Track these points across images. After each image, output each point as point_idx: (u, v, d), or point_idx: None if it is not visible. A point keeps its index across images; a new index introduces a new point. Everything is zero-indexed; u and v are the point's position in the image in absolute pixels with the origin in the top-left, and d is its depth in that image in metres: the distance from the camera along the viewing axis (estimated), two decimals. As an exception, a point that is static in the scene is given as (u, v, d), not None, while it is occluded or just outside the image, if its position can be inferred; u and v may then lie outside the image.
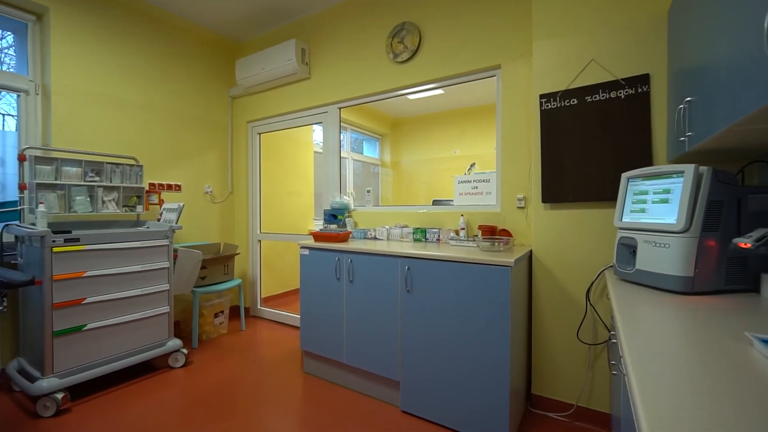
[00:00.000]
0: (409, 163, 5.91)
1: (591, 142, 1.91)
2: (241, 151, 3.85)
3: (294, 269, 4.47)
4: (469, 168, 4.74)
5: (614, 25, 1.85)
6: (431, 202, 5.07)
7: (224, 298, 3.32)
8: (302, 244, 2.51)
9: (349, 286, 2.28)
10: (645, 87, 1.78)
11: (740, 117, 0.90)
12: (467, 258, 1.83)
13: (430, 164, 5.61)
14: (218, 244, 3.41)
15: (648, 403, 0.59)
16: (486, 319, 1.78)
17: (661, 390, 0.63)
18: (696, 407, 0.57)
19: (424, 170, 5.73)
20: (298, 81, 3.37)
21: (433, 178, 5.63)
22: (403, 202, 5.67)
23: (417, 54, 2.68)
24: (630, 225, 1.50)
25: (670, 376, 0.67)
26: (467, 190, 2.56)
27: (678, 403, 0.59)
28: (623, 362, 0.83)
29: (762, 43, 0.74)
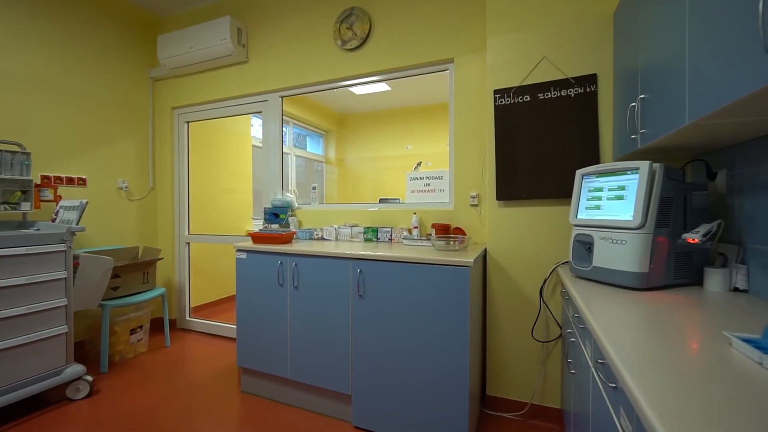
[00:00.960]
0: (354, 161, 5.75)
1: (543, 140, 1.91)
2: (166, 142, 3.36)
3: (229, 274, 4.06)
4: (415, 166, 4.71)
5: (563, 25, 1.86)
6: (378, 201, 4.96)
7: (143, 311, 2.85)
8: (238, 247, 2.22)
9: (293, 293, 2.04)
10: (593, 86, 1.81)
11: (706, 113, 0.88)
12: (424, 258, 1.71)
13: (376, 162, 5.51)
14: (136, 248, 2.93)
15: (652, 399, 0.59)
16: (444, 322, 1.68)
17: (661, 387, 0.61)
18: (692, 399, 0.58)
19: (369, 168, 5.61)
20: (234, 64, 3.02)
21: (379, 176, 5.54)
22: (348, 201, 5.49)
23: (367, 42, 2.51)
24: (586, 222, 1.49)
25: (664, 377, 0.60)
26: (419, 187, 2.46)
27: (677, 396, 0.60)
28: (614, 366, 0.75)
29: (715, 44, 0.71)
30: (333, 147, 5.79)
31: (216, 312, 3.79)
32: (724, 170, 1.38)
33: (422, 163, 4.65)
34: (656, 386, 0.62)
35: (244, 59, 2.96)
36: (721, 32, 0.82)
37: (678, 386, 0.62)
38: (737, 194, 1.30)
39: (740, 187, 1.29)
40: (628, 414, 0.72)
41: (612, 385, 0.83)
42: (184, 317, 3.37)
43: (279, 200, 2.76)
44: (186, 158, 3.36)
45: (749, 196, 1.23)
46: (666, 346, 0.79)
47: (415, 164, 4.69)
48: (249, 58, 2.96)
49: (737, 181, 1.31)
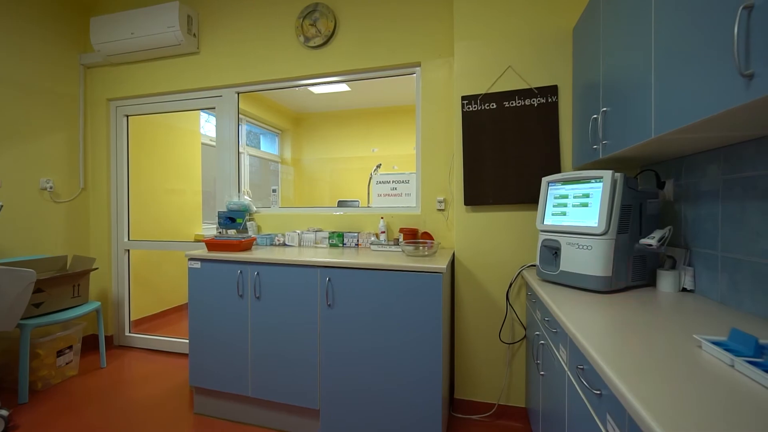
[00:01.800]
0: (311, 162, 5.60)
1: (508, 146, 1.96)
2: (100, 137, 3.00)
3: (175, 283, 3.74)
4: (375, 168, 4.68)
5: (527, 37, 1.93)
6: (336, 203, 4.87)
7: (73, 329, 2.51)
8: (191, 255, 2.02)
9: (255, 304, 1.90)
10: (554, 97, 1.90)
11: (674, 128, 0.94)
12: (396, 265, 1.67)
13: (334, 163, 5.41)
14: (63, 257, 2.57)
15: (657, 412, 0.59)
16: (418, 330, 1.65)
17: (656, 397, 0.61)
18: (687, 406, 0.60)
19: (327, 169, 5.50)
20: (183, 55, 2.77)
21: (337, 178, 5.44)
22: (305, 203, 5.33)
23: (332, 40, 2.43)
24: (552, 227, 1.55)
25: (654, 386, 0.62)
26: (386, 191, 2.42)
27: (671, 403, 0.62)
28: (606, 377, 0.76)
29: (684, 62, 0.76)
30: (289, 147, 5.59)
31: (160, 325, 3.46)
32: (672, 180, 1.51)
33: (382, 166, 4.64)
34: (651, 396, 0.63)
35: (195, 50, 2.72)
36: (690, 50, 0.87)
37: (669, 393, 0.64)
38: (683, 202, 1.42)
39: (686, 196, 1.41)
40: (618, 421, 0.74)
41: (596, 392, 0.85)
42: (123, 333, 3.03)
43: (235, 203, 2.58)
44: (125, 155, 3.02)
45: (695, 204, 1.35)
46: (645, 351, 0.82)
47: (375, 166, 4.66)
48: (200, 49, 2.73)
49: (683, 190, 1.43)
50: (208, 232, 4.17)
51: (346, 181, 5.47)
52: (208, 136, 4.43)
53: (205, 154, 4.33)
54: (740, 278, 1.13)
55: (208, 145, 4.36)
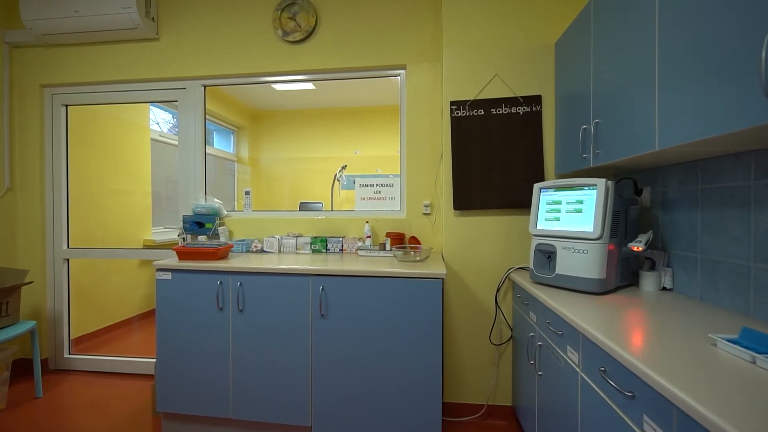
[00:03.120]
0: (270, 161, 5.36)
1: (495, 152, 2.01)
2: (32, 129, 2.58)
3: (122, 294, 3.36)
4: (339, 170, 4.59)
5: (512, 48, 2.00)
6: (298, 204, 4.72)
7: (2, 354, 2.12)
8: (160, 266, 1.80)
9: (238, 318, 1.75)
10: (538, 106, 1.98)
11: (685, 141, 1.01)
12: (397, 272, 1.63)
13: (295, 163, 5.22)
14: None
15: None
16: (416, 337, 1.63)
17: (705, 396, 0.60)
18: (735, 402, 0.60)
19: (288, 169, 5.30)
20: (139, 41, 2.48)
21: (298, 178, 5.26)
22: (264, 204, 5.07)
23: (312, 36, 2.32)
24: (546, 232, 1.61)
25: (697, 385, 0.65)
26: (369, 194, 2.37)
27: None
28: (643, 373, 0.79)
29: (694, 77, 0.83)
30: (246, 145, 5.30)
31: (105, 342, 3.07)
32: (648, 188, 1.64)
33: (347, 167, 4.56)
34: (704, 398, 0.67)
35: (154, 36, 2.45)
36: (702, 67, 0.94)
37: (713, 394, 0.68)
38: (660, 208, 1.56)
39: (663, 203, 1.54)
40: (661, 422, 0.77)
41: (628, 394, 0.88)
42: (62, 354, 2.63)
43: (203, 206, 2.36)
44: (64, 151, 2.63)
45: (672, 211, 1.48)
46: (667, 351, 0.87)
47: (340, 167, 4.57)
48: (160, 35, 2.47)
49: (660, 198, 1.56)
50: (159, 237, 3.79)
51: (309, 182, 5.31)
52: (155, 130, 4.04)
53: (155, 152, 3.94)
54: (719, 278, 1.25)
55: (157, 141, 3.98)
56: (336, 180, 4.34)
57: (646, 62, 1.18)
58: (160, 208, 4.01)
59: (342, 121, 5.01)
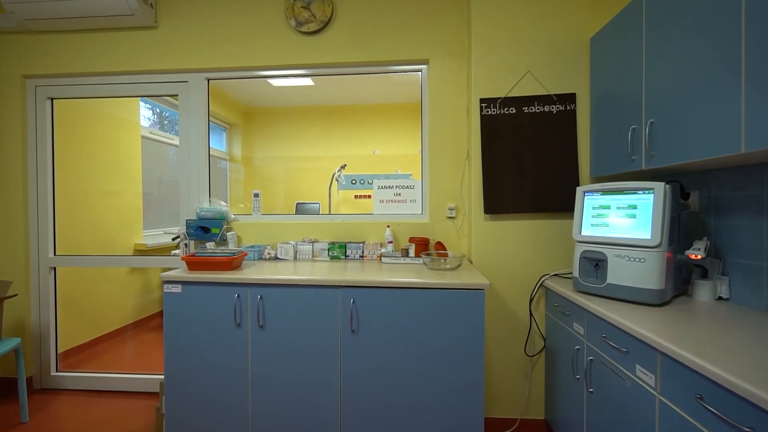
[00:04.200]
0: (263, 160, 5.16)
1: (526, 153, 1.91)
2: (12, 124, 2.33)
3: (112, 303, 3.13)
4: (339, 168, 4.45)
5: (544, 43, 1.90)
6: (294, 205, 4.57)
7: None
8: (168, 278, 1.62)
9: (258, 335, 1.59)
10: (572, 105, 1.89)
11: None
12: (435, 283, 1.50)
13: (290, 162, 5.04)
14: (-37, 282, 1.93)
15: None
16: (455, 354, 1.50)
17: None
18: None
19: (281, 168, 5.11)
20: (136, 29, 2.27)
21: (294, 178, 5.08)
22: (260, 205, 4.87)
23: (328, 27, 2.16)
24: (594, 238, 1.51)
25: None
26: (389, 197, 2.23)
27: None
28: None
29: None
30: (239, 143, 5.09)
31: (94, 355, 2.84)
32: (696, 191, 1.56)
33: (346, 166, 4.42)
34: None
35: (152, 23, 2.24)
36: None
37: None
38: (713, 213, 1.48)
39: (717, 208, 1.46)
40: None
41: (748, 429, 0.78)
42: (48, 372, 2.39)
43: (209, 210, 2.17)
44: (49, 149, 2.39)
45: (729, 216, 1.40)
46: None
47: (339, 166, 4.42)
48: (159, 22, 2.26)
49: (712, 203, 1.48)
50: (151, 241, 3.55)
51: (304, 182, 5.13)
52: (146, 127, 3.79)
53: (146, 150, 3.70)
54: (791, 289, 1.17)
55: (148, 139, 3.73)
56: (335, 180, 4.19)
57: (726, 53, 1.08)
58: (151, 211, 3.77)
59: (340, 119, 4.85)
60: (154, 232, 3.78)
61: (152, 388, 2.33)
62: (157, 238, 3.70)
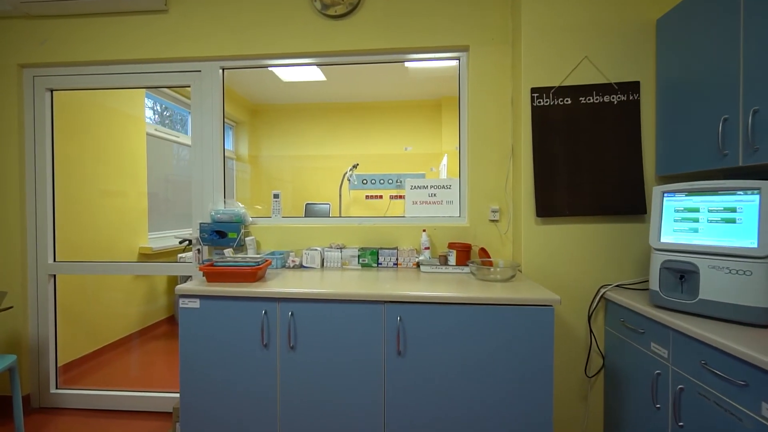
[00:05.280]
0: (270, 159, 4.96)
1: (583, 149, 1.70)
2: (8, 118, 2.12)
3: (114, 311, 2.94)
4: (350, 169, 4.25)
5: (605, 26, 1.69)
6: (304, 206, 4.36)
7: (-29, 401, 1.69)
8: (184, 291, 1.41)
9: (288, 357, 1.38)
10: (636, 95, 1.68)
11: None
12: (499, 298, 1.29)
13: (298, 161, 4.84)
14: (-49, 293, 1.73)
15: None
16: (519, 380, 1.30)
17: None
18: None
19: (289, 168, 4.91)
20: (144, 12, 2.06)
21: (302, 178, 4.87)
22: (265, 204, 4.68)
23: (357, 10, 1.96)
24: (680, 246, 1.31)
25: None
26: (423, 197, 2.03)
27: None
28: None
29: None
30: (245, 141, 4.89)
31: (96, 368, 2.64)
32: (794, 191, 1.35)
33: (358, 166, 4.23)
34: None
35: (162, 7, 2.03)
36: None
37: None
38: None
39: (826, 211, 1.25)
40: None
41: None
42: (47, 390, 2.18)
43: (225, 212, 1.97)
44: (48, 145, 2.18)
45: None
46: None
47: (351, 166, 4.22)
48: (169, 5, 2.05)
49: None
50: (156, 244, 3.35)
51: (313, 182, 4.93)
52: (152, 124, 3.59)
53: (150, 148, 3.49)
54: None
55: (152, 136, 3.52)
56: (346, 179, 3.98)
57: None
58: (157, 212, 3.56)
59: (350, 117, 4.64)
60: (160, 234, 3.58)
61: (162, 407, 2.12)
62: (163, 241, 3.50)
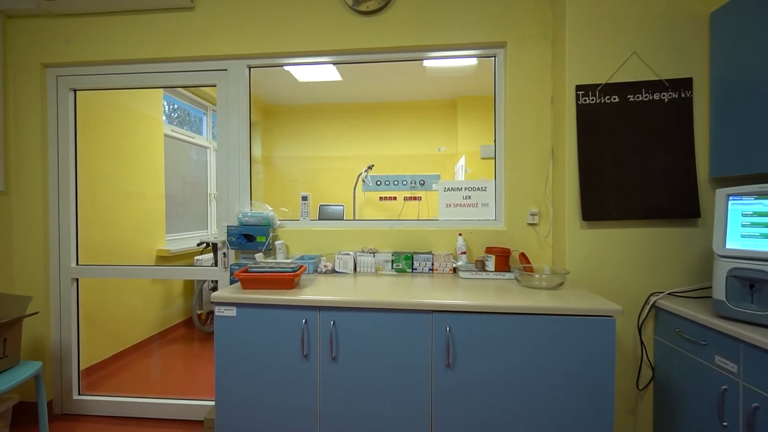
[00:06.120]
0: (283, 160, 4.91)
1: (630, 149, 1.62)
2: (30, 118, 2.08)
3: (133, 314, 2.90)
4: (365, 170, 4.18)
5: (655, 20, 1.61)
6: (318, 207, 4.30)
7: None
8: (220, 299, 1.35)
9: (329, 369, 1.31)
10: (688, 92, 1.60)
11: None
12: (556, 308, 1.22)
13: (310, 162, 4.79)
14: (-24, 298, 1.69)
15: None
16: (576, 395, 1.22)
17: None
18: None
19: (301, 169, 4.86)
20: (169, 10, 2.01)
21: (314, 179, 4.82)
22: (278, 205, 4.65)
23: (390, 6, 1.89)
24: (747, 253, 1.22)
25: None
26: (457, 200, 1.95)
27: None
28: None
29: None
30: (259, 142, 4.85)
31: (117, 371, 2.60)
32: None
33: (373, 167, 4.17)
34: None
35: (189, 4, 1.98)
36: None
37: None
38: None
39: None
40: None
41: None
42: (70, 396, 2.14)
43: (253, 215, 1.91)
44: (72, 145, 2.14)
45: None
46: None
47: (366, 167, 4.16)
48: (195, 2, 2.00)
49: None
50: (174, 246, 3.31)
51: (325, 183, 4.87)
52: (170, 125, 3.56)
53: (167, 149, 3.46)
54: None
55: (169, 137, 3.49)
56: (361, 181, 3.91)
57: None
58: (175, 213, 3.52)
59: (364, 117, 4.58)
60: (177, 236, 3.54)
61: (188, 415, 2.06)
62: (179, 243, 3.46)
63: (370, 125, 4.62)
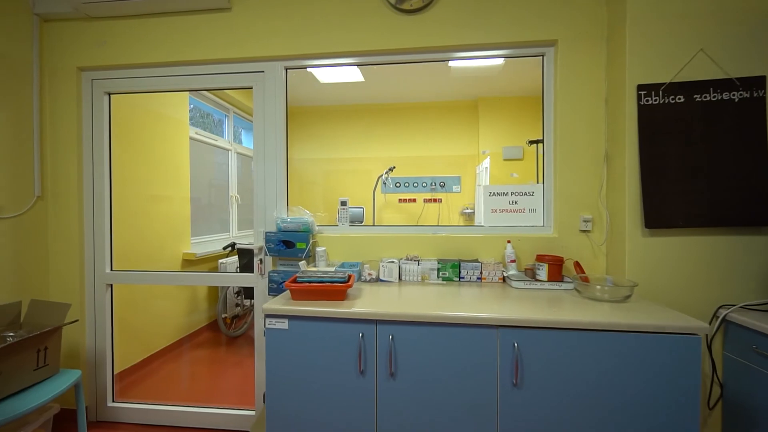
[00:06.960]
0: (301, 162, 4.87)
1: (697, 152, 1.52)
2: (66, 123, 2.06)
3: (161, 319, 2.88)
4: (386, 172, 4.10)
5: (724, 14, 1.51)
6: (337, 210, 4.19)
7: (36, 423, 1.61)
8: (271, 311, 1.29)
9: (386, 385, 1.25)
10: (761, 91, 1.49)
11: None
12: (636, 325, 1.13)
13: (330, 164, 4.74)
14: (15, 304, 1.67)
15: None
16: (656, 421, 1.13)
17: None
18: None
19: (320, 171, 4.81)
20: (206, 11, 1.97)
21: (333, 181, 4.77)
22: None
23: (434, 4, 1.82)
24: None
25: None
26: (503, 205, 1.87)
27: None
28: None
29: None
30: (279, 144, 4.77)
31: (148, 375, 2.58)
32: None
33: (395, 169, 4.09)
34: None
35: (225, 5, 1.94)
36: None
37: None
38: None
39: None
40: None
41: None
42: (105, 403, 2.11)
43: (292, 221, 1.85)
44: (106, 150, 2.11)
45: None
46: None
47: (387, 169, 4.09)
48: (232, 3, 1.96)
49: None
50: (199, 250, 3.28)
51: (344, 185, 4.82)
52: (194, 128, 3.54)
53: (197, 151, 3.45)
54: None
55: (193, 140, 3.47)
56: (382, 183, 3.84)
57: None
58: (201, 216, 3.50)
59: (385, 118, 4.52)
60: (201, 239, 3.52)
61: (224, 425, 2.02)
62: (205, 247, 3.44)
63: (388, 126, 4.56)
